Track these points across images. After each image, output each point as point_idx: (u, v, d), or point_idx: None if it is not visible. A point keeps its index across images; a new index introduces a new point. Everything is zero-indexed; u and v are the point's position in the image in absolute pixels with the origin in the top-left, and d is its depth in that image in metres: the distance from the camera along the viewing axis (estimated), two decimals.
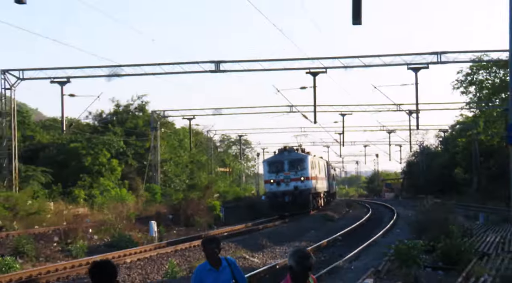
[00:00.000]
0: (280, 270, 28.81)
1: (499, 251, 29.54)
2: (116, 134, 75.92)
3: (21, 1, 21.10)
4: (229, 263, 10.09)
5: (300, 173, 67.07)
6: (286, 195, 65.47)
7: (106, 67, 56.74)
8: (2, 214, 48.04)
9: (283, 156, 69.03)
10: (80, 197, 62.41)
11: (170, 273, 27.75)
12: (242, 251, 36.02)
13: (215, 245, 10.09)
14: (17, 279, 26.75)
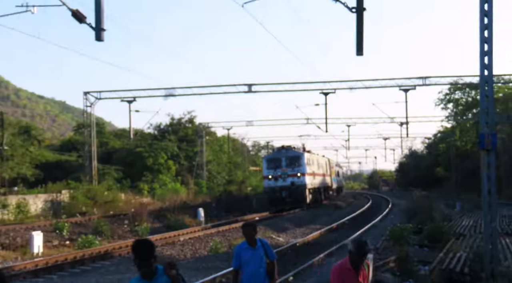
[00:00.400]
0: (300, 247, 28.74)
1: (472, 233, 29.39)
2: (171, 141, 76.16)
3: (100, 39, 20.94)
4: (262, 243, 10.06)
5: (296, 170, 58.48)
6: (283, 190, 57.61)
7: (163, 89, 57.51)
8: (85, 202, 49.49)
9: (281, 153, 60.68)
10: (144, 189, 63.35)
11: (213, 249, 28.01)
12: (270, 232, 35.94)
13: (252, 228, 10.03)
14: (97, 252, 27.01)
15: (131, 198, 56.59)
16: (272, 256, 10.22)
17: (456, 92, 65.40)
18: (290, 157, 57.89)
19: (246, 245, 10.04)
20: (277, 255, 24.67)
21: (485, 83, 18.56)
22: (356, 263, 7.87)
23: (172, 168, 72.61)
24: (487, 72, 18.33)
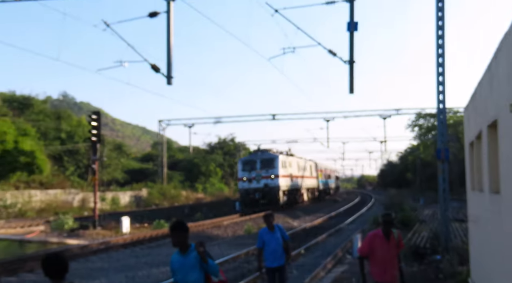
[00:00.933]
0: (309, 229, 28.56)
1: (431, 219, 29.09)
2: (218, 154, 76.04)
3: (170, 83, 20.95)
4: (279, 228, 10.04)
5: (270, 172, 46.11)
6: (256, 191, 45.45)
7: (213, 117, 57.69)
8: (158, 197, 50.34)
9: (256, 155, 48.65)
10: (199, 188, 63.57)
11: (247, 230, 27.75)
12: (287, 218, 35.77)
13: (270, 217, 10.06)
14: (166, 232, 26.76)
15: (189, 194, 57.86)
16: (286, 237, 10.12)
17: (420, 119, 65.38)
18: (265, 160, 45.77)
19: (266, 229, 10.04)
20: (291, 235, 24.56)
21: (440, 113, 18.61)
22: (384, 230, 7.77)
23: (219, 173, 72.15)
24: (441, 106, 18.39)
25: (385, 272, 7.77)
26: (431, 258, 16.15)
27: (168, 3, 19.96)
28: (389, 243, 7.78)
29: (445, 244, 17.31)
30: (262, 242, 10.02)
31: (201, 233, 26.13)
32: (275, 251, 9.90)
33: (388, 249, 7.76)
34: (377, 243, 7.76)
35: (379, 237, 7.80)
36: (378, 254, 7.72)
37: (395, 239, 7.85)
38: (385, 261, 7.74)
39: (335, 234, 26.09)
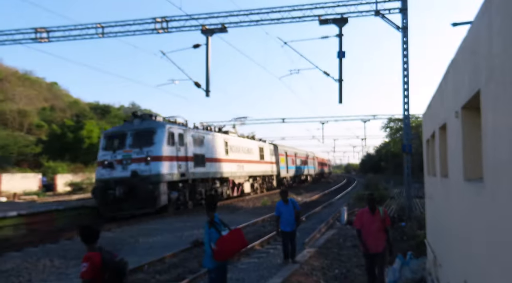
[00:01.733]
0: (308, 203, 28.45)
1: (399, 196, 28.75)
2: None
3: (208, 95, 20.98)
4: (292, 201, 9.99)
5: (146, 151, 18.85)
6: (117, 184, 18.29)
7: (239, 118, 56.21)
8: None
9: (128, 126, 20.31)
10: None
11: (263, 203, 27.59)
12: (293, 195, 35.62)
13: (285, 193, 10.08)
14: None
15: None
16: (297, 208, 10.04)
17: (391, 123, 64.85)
18: (140, 132, 19.73)
19: (282, 202, 9.96)
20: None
21: (406, 118, 18.49)
22: (369, 206, 7.59)
23: None
24: (406, 113, 18.29)
25: (371, 242, 7.50)
26: (398, 225, 16.03)
27: (207, 38, 20.10)
28: (374, 217, 7.51)
29: (408, 214, 17.21)
30: (279, 212, 9.93)
31: (230, 205, 26.21)
32: (288, 219, 9.86)
33: (373, 221, 7.48)
34: (365, 217, 7.57)
35: (366, 212, 7.63)
36: (365, 227, 7.52)
37: (380, 215, 7.57)
38: (371, 232, 7.46)
39: (328, 206, 25.97)
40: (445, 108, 5.66)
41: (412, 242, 12.03)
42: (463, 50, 4.18)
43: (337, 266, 10.29)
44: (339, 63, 18.80)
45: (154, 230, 16.31)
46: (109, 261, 4.25)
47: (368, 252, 7.56)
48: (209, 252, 5.88)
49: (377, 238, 7.47)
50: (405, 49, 17.83)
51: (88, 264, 4.12)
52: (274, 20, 19.88)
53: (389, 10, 18.37)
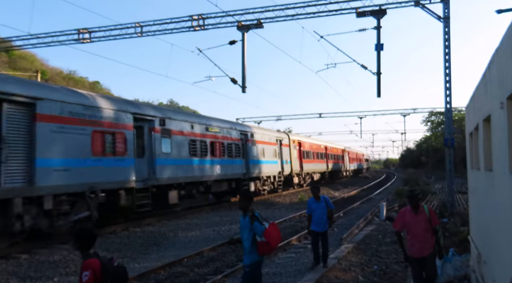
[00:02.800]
0: (346, 198, 28.18)
1: (440, 191, 27.98)
2: None
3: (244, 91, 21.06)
4: (324, 199, 9.14)
5: None
6: None
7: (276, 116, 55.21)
8: None
9: None
10: None
11: (301, 198, 27.41)
12: (330, 190, 35.37)
13: (316, 189, 9.21)
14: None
15: None
16: (331, 206, 9.19)
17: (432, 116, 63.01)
18: None
19: (313, 199, 9.15)
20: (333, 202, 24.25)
21: (448, 111, 17.91)
22: (411, 204, 6.65)
23: None
24: (448, 106, 17.72)
25: (415, 245, 6.60)
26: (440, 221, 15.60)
27: (243, 34, 20.15)
28: (418, 217, 6.59)
29: (451, 210, 16.72)
30: (310, 210, 9.18)
31: (267, 200, 26.28)
32: (320, 218, 9.05)
33: (417, 222, 6.57)
34: (407, 217, 6.66)
35: (408, 212, 6.70)
36: (409, 228, 6.63)
37: (426, 214, 6.63)
38: (416, 234, 6.57)
39: (366, 201, 25.60)
40: (489, 99, 5.44)
41: (455, 239, 11.68)
42: (508, 38, 4.00)
43: (376, 262, 10.13)
44: (377, 56, 18.40)
45: (193, 224, 16.59)
46: (109, 267, 3.96)
47: (414, 256, 6.65)
48: (248, 248, 5.79)
49: (424, 240, 6.58)
50: (447, 39, 17.24)
51: (90, 272, 3.81)
52: (310, 14, 19.69)
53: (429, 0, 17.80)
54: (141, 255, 11.70)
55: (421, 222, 6.57)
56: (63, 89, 13.46)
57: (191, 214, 19.39)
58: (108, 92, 70.46)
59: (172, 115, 18.04)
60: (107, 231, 14.64)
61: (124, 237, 13.92)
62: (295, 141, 34.27)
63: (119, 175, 14.18)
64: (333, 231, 14.79)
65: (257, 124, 47.97)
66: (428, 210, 6.69)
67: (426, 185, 32.04)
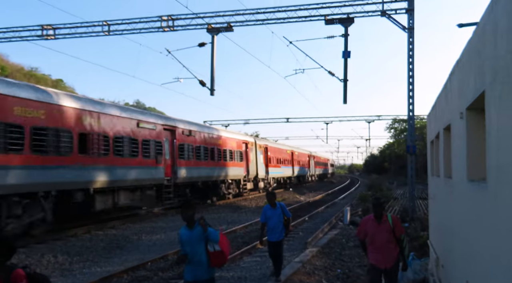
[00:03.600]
0: (312, 202, 28.48)
1: (402, 197, 28.68)
2: None
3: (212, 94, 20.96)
4: (281, 206, 8.43)
5: None
6: None
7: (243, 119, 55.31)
8: None
9: None
10: None
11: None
12: (296, 194, 35.66)
13: (272, 196, 8.44)
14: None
15: None
16: (287, 214, 8.44)
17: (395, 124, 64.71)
18: None
19: (269, 206, 8.43)
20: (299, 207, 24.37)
21: (410, 119, 18.46)
22: (375, 213, 6.25)
23: None
24: (411, 114, 18.26)
25: (378, 255, 6.20)
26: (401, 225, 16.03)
27: (212, 37, 20.13)
28: (380, 226, 6.20)
29: (412, 215, 17.19)
30: (264, 218, 8.45)
31: (233, 204, 26.24)
32: (276, 226, 8.34)
33: (379, 232, 6.18)
34: (369, 226, 6.27)
35: (371, 221, 6.31)
36: (371, 238, 6.25)
37: (389, 224, 6.22)
38: (378, 244, 6.19)
39: (331, 206, 25.97)
40: (450, 109, 5.66)
41: (415, 243, 12.01)
42: (469, 51, 4.19)
43: (339, 266, 10.31)
44: (344, 63, 18.78)
45: (158, 227, 16.36)
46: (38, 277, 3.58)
47: (375, 266, 6.26)
48: (206, 261, 5.03)
49: (386, 251, 6.19)
50: (411, 49, 17.80)
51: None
52: (280, 20, 19.89)
53: (395, 10, 18.34)
54: (103, 259, 11.44)
55: (383, 232, 6.18)
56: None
57: (156, 217, 19.11)
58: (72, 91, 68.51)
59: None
60: (68, 234, 14.25)
61: (86, 240, 13.58)
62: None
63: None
64: (298, 235, 14.93)
65: (225, 127, 47.31)
66: (392, 220, 6.30)
67: (388, 190, 32.83)
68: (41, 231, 13.19)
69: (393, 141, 71.48)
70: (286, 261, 10.66)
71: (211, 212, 21.85)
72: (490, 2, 3.10)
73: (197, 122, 25.00)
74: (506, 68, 2.70)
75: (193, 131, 22.39)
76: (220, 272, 9.76)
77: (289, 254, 11.66)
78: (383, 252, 6.16)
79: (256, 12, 20.04)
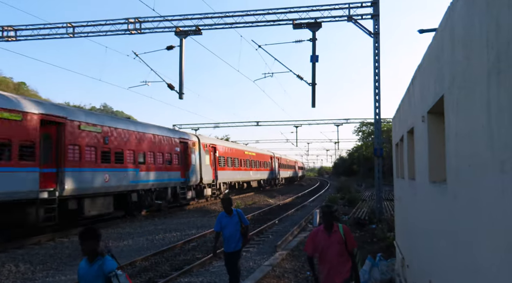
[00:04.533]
0: (282, 205, 28.57)
1: (370, 198, 29.21)
2: None
3: (181, 98, 20.76)
4: (237, 213, 7.63)
5: None
6: None
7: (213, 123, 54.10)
8: None
9: None
10: None
11: (236, 206, 27.02)
12: (266, 197, 35.70)
13: (227, 202, 7.65)
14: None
15: None
16: (245, 221, 7.64)
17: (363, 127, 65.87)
18: None
19: (224, 213, 7.58)
20: (269, 210, 24.42)
21: (377, 122, 18.84)
22: (324, 223, 5.54)
23: None
24: (377, 117, 18.64)
25: (326, 271, 5.45)
26: (369, 227, 16.30)
27: (181, 40, 19.99)
28: (331, 238, 5.45)
29: (379, 217, 17.52)
30: (219, 226, 7.57)
31: (203, 208, 26.05)
32: (232, 235, 7.50)
33: (330, 244, 5.42)
34: (319, 238, 5.49)
35: (320, 232, 5.54)
36: (321, 251, 5.48)
37: (340, 235, 5.48)
38: (329, 258, 5.43)
39: (301, 209, 26.16)
40: (412, 113, 5.81)
41: (382, 244, 12.25)
42: (429, 56, 4.32)
43: (309, 268, 10.38)
44: (312, 67, 19.03)
45: (125, 233, 16.05)
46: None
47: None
48: None
49: (337, 265, 5.43)
50: (377, 54, 18.22)
51: None
52: (248, 23, 19.96)
53: (361, 15, 18.73)
54: (68, 267, 11.12)
55: (334, 244, 5.44)
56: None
57: (123, 223, 18.75)
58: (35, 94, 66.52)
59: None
60: (31, 242, 13.78)
61: (50, 248, 13.18)
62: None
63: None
64: (268, 238, 14.97)
65: (195, 131, 45.93)
66: (343, 231, 5.55)
67: (356, 192, 33.38)
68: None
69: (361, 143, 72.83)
70: (256, 265, 10.68)
71: (180, 216, 21.64)
72: (447, 9, 3.21)
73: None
74: (462, 73, 2.80)
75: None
76: (189, 277, 9.67)
77: (259, 257, 11.68)
78: (333, 266, 5.42)
79: (224, 15, 20.04)
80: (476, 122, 2.47)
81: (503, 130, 2.02)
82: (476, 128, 2.46)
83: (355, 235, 15.25)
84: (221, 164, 31.55)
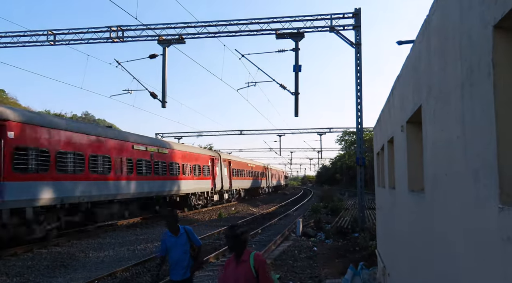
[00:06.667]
0: (265, 214, 28.53)
1: (352, 207, 29.37)
2: None
3: (164, 106, 20.67)
4: (186, 231, 6.04)
5: None
6: None
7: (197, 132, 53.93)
8: None
9: None
10: None
11: (219, 215, 27.09)
12: (250, 206, 35.63)
13: (172, 219, 6.01)
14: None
15: None
16: (196, 242, 6.07)
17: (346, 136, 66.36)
18: None
19: (169, 233, 5.98)
20: (252, 219, 24.37)
21: (359, 131, 19.03)
22: (231, 249, 4.27)
23: None
24: (360, 126, 18.84)
25: None
26: (351, 235, 16.40)
27: (164, 49, 19.93)
28: (238, 269, 4.14)
29: (361, 225, 17.65)
30: (164, 249, 6.02)
31: (186, 217, 25.84)
32: (180, 259, 5.96)
33: (237, 278, 4.09)
34: (229, 269, 4.24)
35: (231, 262, 4.28)
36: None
37: (250, 265, 4.11)
38: None
39: (284, 218, 26.14)
40: (392, 122, 5.91)
41: (364, 253, 12.32)
42: (407, 67, 4.41)
43: (291, 278, 10.38)
44: (295, 76, 19.15)
45: (106, 244, 15.81)
46: None
47: None
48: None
49: None
50: (359, 64, 18.47)
51: None
52: (231, 33, 20.05)
53: (343, 26, 18.99)
54: (46, 279, 10.88)
55: (242, 277, 4.09)
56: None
57: (104, 233, 18.48)
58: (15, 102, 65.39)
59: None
60: (7, 254, 13.46)
61: (27, 259, 12.88)
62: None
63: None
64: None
65: (178, 139, 47.34)
66: (254, 262, 4.13)
67: (339, 201, 33.55)
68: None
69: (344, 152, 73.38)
70: None
71: (164, 226, 21.41)
72: (424, 21, 3.30)
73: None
74: (439, 84, 2.87)
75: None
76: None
77: None
78: None
79: (207, 24, 20.10)
80: (451, 133, 2.53)
81: (477, 140, 2.07)
82: (451, 138, 2.52)
83: (338, 244, 15.33)
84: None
